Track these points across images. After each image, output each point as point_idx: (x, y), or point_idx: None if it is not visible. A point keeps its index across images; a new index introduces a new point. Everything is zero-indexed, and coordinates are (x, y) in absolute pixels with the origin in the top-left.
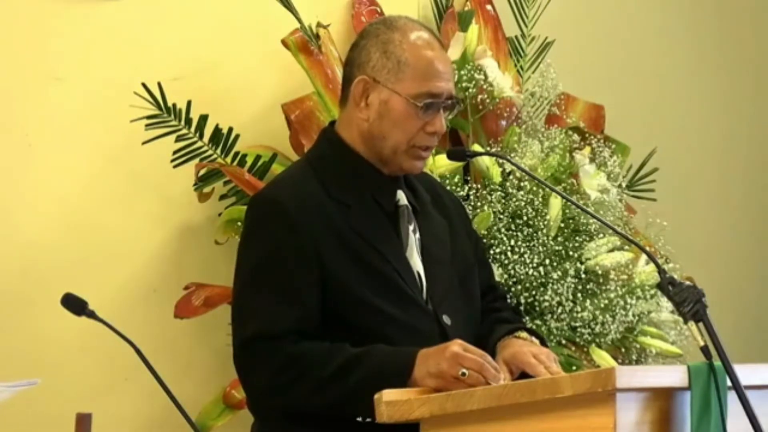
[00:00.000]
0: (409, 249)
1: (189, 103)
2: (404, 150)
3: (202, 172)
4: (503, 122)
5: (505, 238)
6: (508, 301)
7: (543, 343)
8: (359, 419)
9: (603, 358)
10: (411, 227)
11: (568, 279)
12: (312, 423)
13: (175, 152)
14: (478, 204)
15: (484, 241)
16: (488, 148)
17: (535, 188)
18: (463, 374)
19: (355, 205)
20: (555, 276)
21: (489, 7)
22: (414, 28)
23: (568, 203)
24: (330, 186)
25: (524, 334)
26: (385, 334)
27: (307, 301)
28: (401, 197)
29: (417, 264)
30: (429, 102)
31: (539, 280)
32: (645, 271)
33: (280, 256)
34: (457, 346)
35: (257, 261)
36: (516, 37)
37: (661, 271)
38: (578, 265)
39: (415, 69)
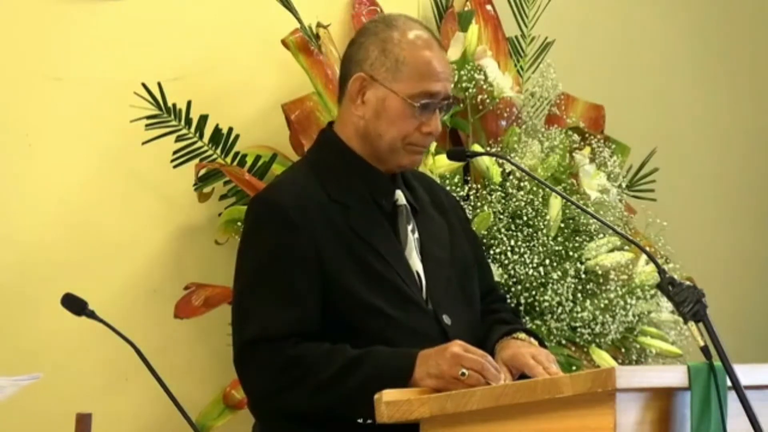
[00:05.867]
0: (408, 249)
1: (189, 103)
2: (400, 146)
3: (202, 172)
4: (503, 122)
5: (505, 238)
6: (508, 302)
7: (541, 344)
8: (360, 421)
9: (603, 358)
10: (410, 227)
11: (568, 279)
12: (313, 424)
13: (175, 152)
14: (478, 204)
15: (484, 241)
16: (488, 148)
17: (535, 188)
18: (463, 374)
19: (353, 206)
20: (555, 276)
21: (489, 7)
22: (413, 27)
23: (568, 203)
24: (329, 186)
25: (523, 335)
26: (385, 335)
27: (307, 303)
28: (400, 197)
29: (416, 264)
30: (426, 102)
31: (539, 281)
32: (645, 271)
33: (279, 257)
34: (457, 346)
35: (257, 263)
36: (516, 37)
37: (661, 271)
38: (578, 265)
39: (413, 68)
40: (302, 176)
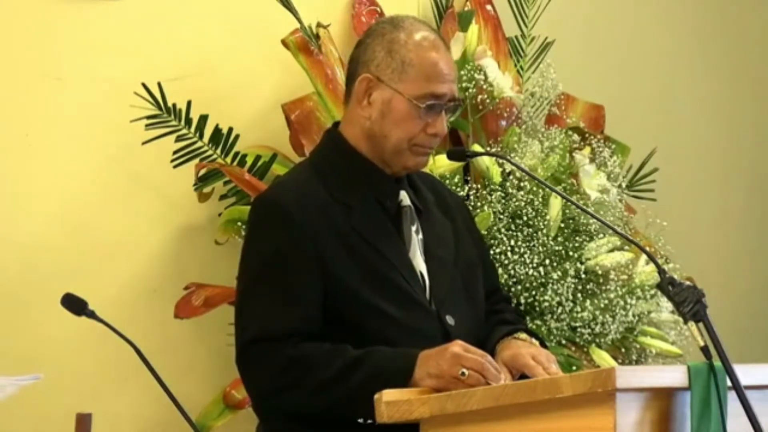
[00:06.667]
0: (411, 249)
1: (189, 103)
2: (406, 148)
3: (202, 172)
4: (503, 122)
5: (505, 238)
6: (512, 302)
7: (543, 344)
8: (360, 421)
9: (603, 358)
10: (414, 228)
11: (568, 279)
12: (315, 424)
13: (175, 152)
14: (478, 204)
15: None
16: (488, 148)
17: (535, 188)
18: (463, 374)
19: (356, 206)
20: (555, 276)
21: (489, 7)
22: (420, 29)
23: (568, 203)
24: (332, 187)
25: (524, 336)
26: (387, 335)
27: (308, 302)
28: (404, 197)
29: (420, 264)
30: (431, 103)
31: (539, 281)
32: (645, 271)
33: (280, 257)
34: (457, 346)
35: (258, 263)
36: (516, 37)
37: (661, 271)
38: (578, 265)
39: (419, 70)
40: (305, 176)
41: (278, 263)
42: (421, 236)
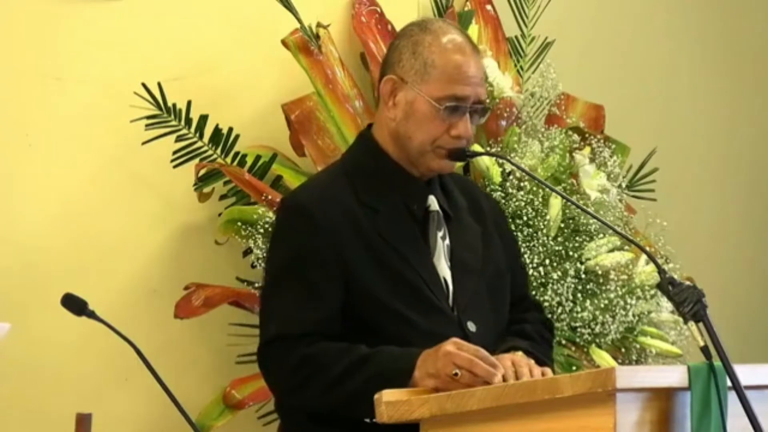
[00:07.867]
0: (436, 255)
1: (189, 103)
2: (429, 149)
3: (202, 172)
4: (503, 122)
5: None
6: (542, 310)
7: (545, 364)
8: (367, 420)
9: (603, 358)
10: (440, 233)
11: (568, 279)
12: (334, 423)
13: (175, 152)
14: None
15: None
16: (488, 148)
17: (535, 188)
18: (456, 374)
19: (383, 210)
20: (555, 276)
21: (489, 7)
22: (447, 32)
23: (568, 203)
24: (360, 190)
25: (520, 353)
26: (407, 339)
27: (328, 304)
28: (432, 202)
29: (444, 270)
30: (452, 105)
31: (539, 281)
32: (645, 271)
33: (302, 258)
34: (450, 345)
35: (281, 263)
36: (516, 37)
37: (661, 271)
38: (578, 265)
39: (442, 71)
40: (333, 178)
41: (298, 264)
42: (447, 242)
